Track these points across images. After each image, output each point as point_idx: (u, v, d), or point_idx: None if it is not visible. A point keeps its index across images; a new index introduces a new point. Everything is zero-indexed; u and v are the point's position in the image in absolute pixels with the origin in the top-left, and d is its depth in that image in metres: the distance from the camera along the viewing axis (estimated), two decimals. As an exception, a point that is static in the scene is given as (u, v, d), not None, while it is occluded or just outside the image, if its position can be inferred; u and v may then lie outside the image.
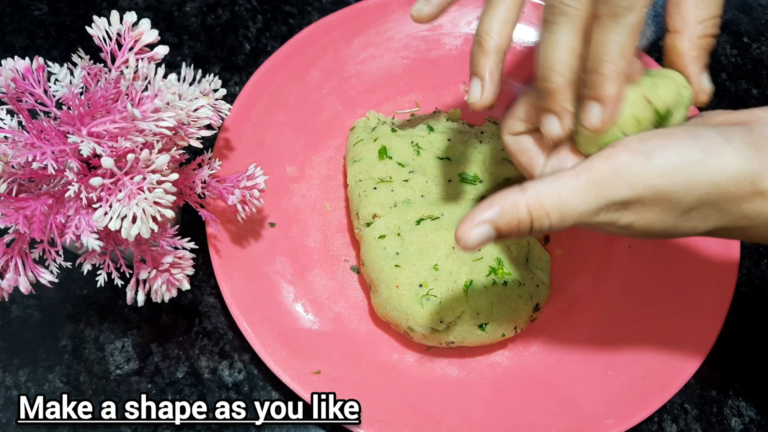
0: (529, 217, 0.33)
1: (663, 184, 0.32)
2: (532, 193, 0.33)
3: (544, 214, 0.33)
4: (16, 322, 0.52)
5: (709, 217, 0.33)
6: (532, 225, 0.33)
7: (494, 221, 0.33)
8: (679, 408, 0.51)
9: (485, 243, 0.34)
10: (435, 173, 0.52)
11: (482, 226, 0.33)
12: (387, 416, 0.47)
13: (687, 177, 0.32)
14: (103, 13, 0.63)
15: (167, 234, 0.45)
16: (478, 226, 0.33)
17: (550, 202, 0.33)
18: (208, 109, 0.45)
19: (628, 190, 0.32)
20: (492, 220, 0.33)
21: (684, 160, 0.32)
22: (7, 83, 0.41)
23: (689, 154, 0.32)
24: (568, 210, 0.33)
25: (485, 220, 0.33)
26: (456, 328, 0.48)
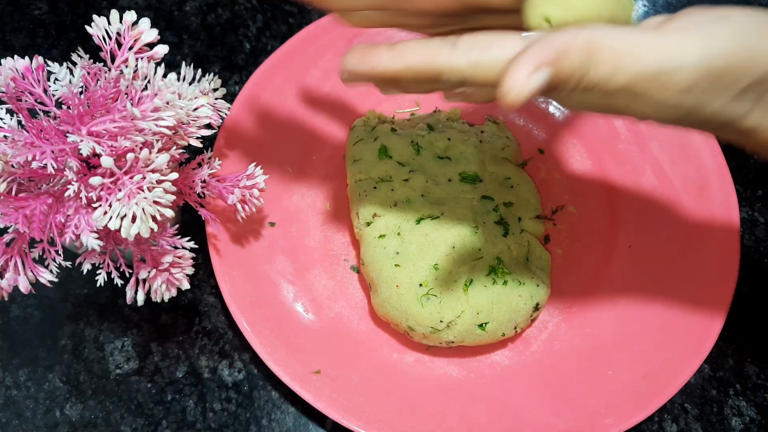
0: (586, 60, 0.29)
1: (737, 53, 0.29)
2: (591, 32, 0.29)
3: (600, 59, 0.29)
4: (15, 321, 0.52)
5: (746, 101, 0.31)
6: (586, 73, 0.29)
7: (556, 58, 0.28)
8: (680, 408, 0.51)
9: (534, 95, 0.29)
10: (435, 173, 0.52)
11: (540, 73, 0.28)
12: (387, 416, 0.47)
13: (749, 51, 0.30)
14: (103, 12, 0.63)
15: (167, 233, 0.45)
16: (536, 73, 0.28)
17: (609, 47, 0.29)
18: (208, 109, 0.44)
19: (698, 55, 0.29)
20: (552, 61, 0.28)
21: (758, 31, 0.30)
22: (7, 82, 0.41)
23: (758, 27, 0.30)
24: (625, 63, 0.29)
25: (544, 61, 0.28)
26: (456, 328, 0.48)
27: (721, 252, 0.52)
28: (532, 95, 0.28)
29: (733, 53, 0.29)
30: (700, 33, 0.30)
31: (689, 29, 0.30)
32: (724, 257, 0.52)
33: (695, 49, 0.29)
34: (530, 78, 0.28)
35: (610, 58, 0.29)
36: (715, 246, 0.52)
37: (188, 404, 0.50)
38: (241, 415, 0.50)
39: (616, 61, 0.29)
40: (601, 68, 0.29)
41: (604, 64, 0.29)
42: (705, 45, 0.29)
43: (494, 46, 0.31)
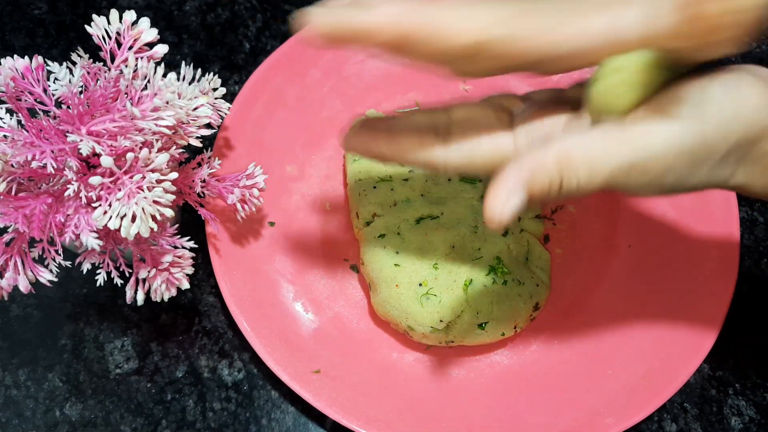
0: (558, 174, 0.30)
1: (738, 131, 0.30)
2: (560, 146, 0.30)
3: (573, 171, 0.30)
4: (15, 321, 0.52)
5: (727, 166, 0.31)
6: (561, 184, 0.30)
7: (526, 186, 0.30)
8: (679, 407, 0.51)
9: (517, 214, 0.30)
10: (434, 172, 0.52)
11: (515, 197, 0.30)
12: (386, 415, 0.47)
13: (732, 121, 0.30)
14: (102, 12, 0.63)
15: (167, 233, 0.45)
16: (511, 198, 0.30)
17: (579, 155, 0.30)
18: (208, 108, 0.45)
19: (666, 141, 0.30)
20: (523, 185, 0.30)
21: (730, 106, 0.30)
22: (7, 82, 0.41)
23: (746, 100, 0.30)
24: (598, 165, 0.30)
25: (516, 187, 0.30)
26: (456, 328, 0.48)
27: (720, 251, 0.52)
28: (514, 217, 0.30)
29: (699, 131, 0.30)
30: (662, 118, 0.30)
31: (653, 116, 0.30)
32: (723, 257, 0.52)
33: (660, 136, 0.30)
34: (506, 204, 0.30)
35: (583, 165, 0.30)
36: (714, 246, 0.52)
37: (188, 404, 0.50)
38: (241, 415, 0.50)
39: (589, 167, 0.30)
40: (574, 178, 0.30)
41: (577, 173, 0.30)
42: (669, 130, 0.30)
43: (484, 142, 0.34)
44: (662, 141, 0.30)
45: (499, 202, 0.30)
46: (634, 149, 0.30)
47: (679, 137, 0.30)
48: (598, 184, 0.30)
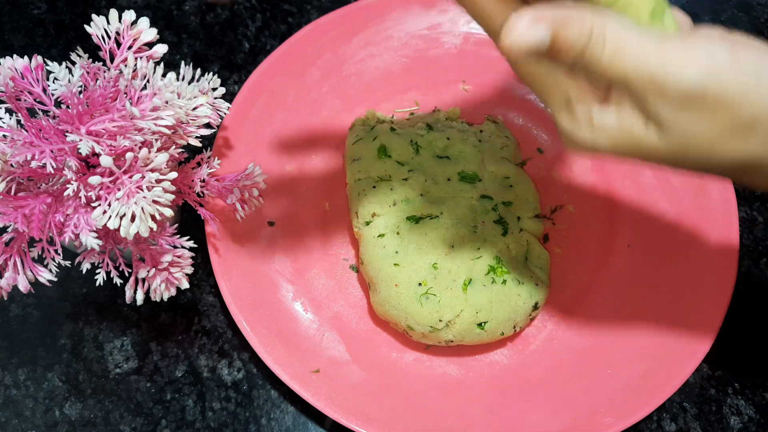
0: (588, 36, 0.29)
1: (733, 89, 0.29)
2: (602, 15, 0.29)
3: (602, 40, 0.29)
4: (15, 320, 0.52)
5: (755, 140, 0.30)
6: (585, 48, 0.29)
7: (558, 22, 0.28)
8: (679, 407, 0.51)
9: (534, 50, 0.29)
10: (434, 172, 0.52)
11: (542, 25, 0.28)
12: (386, 415, 0.47)
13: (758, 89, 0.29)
14: (102, 11, 0.63)
15: (166, 233, 0.45)
16: (538, 26, 0.28)
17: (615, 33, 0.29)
18: (207, 108, 0.45)
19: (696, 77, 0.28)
20: (556, 20, 0.28)
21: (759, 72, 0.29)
22: (6, 82, 0.41)
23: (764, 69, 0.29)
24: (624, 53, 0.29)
25: (548, 18, 0.28)
26: (455, 327, 0.48)
27: (719, 251, 0.52)
28: (529, 47, 0.28)
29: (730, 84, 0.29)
30: (705, 54, 0.29)
31: (696, 48, 0.29)
32: (722, 256, 0.52)
33: (693, 68, 0.29)
34: (531, 29, 0.28)
35: (611, 45, 0.29)
36: (713, 245, 0.52)
37: (187, 403, 0.50)
38: (241, 415, 0.50)
39: (615, 51, 0.29)
40: (598, 50, 0.29)
41: (602, 48, 0.29)
42: (705, 67, 0.29)
43: None
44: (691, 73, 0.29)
45: (524, 23, 0.28)
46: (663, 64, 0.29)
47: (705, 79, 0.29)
48: (616, 74, 0.29)
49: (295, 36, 0.58)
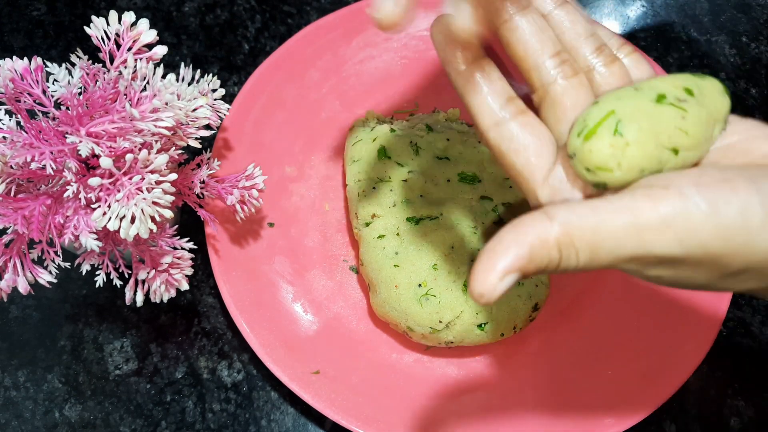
0: (558, 253, 0.28)
1: (718, 246, 0.27)
2: (562, 224, 0.27)
3: (573, 252, 0.28)
4: (14, 322, 0.52)
5: (749, 280, 0.29)
6: (559, 263, 0.28)
7: (523, 267, 0.27)
8: (678, 407, 0.51)
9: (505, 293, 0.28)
10: (434, 173, 0.52)
11: (511, 277, 0.27)
12: (386, 416, 0.47)
13: (745, 241, 0.27)
14: (101, 13, 0.63)
15: (166, 234, 0.45)
16: (505, 277, 0.27)
17: (582, 239, 0.27)
18: (207, 109, 0.45)
19: (677, 247, 0.27)
20: (521, 266, 0.27)
21: (746, 220, 0.27)
22: (6, 83, 0.41)
23: (752, 214, 0.27)
24: (600, 252, 0.28)
25: (512, 267, 0.27)
26: (455, 328, 0.48)
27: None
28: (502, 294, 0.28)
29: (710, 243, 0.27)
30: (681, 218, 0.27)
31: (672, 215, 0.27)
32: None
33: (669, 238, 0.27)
34: (499, 284, 0.27)
35: (585, 249, 0.28)
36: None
37: (187, 405, 0.50)
38: (241, 416, 0.50)
39: (592, 251, 0.28)
40: (574, 260, 0.28)
41: (578, 256, 0.28)
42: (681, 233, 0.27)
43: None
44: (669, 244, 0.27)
45: (492, 279, 0.27)
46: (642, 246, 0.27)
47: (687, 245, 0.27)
48: (595, 268, 0.29)
49: (294, 37, 0.58)
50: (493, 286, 0.27)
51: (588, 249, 0.28)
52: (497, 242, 0.28)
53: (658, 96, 0.29)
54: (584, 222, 0.27)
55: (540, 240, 0.27)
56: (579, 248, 0.28)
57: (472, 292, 0.27)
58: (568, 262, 0.28)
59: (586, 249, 0.28)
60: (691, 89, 0.30)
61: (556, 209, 0.28)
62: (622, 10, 0.67)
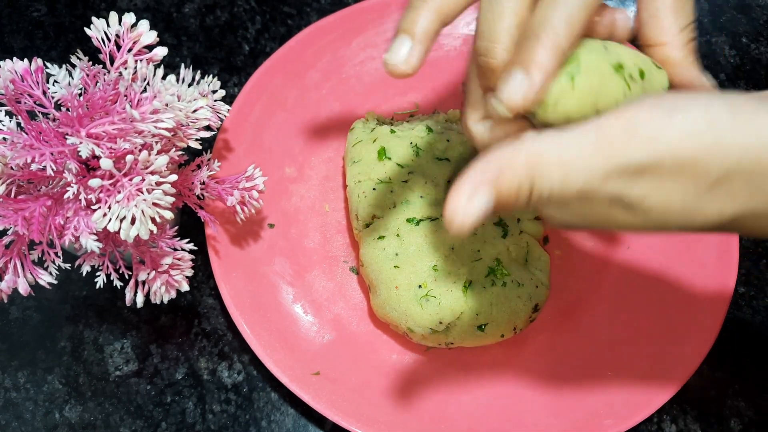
0: (529, 176, 0.27)
1: (687, 147, 0.27)
2: (531, 146, 0.28)
3: (545, 172, 0.27)
4: (15, 323, 0.52)
5: (739, 194, 0.28)
6: (532, 188, 0.28)
7: (492, 184, 0.27)
8: (679, 408, 0.51)
9: (483, 218, 0.28)
10: (434, 174, 0.52)
11: (480, 195, 0.27)
12: (386, 417, 0.47)
13: (715, 141, 0.27)
14: (101, 14, 0.63)
15: (166, 235, 0.45)
16: (476, 196, 0.27)
17: (552, 158, 0.27)
18: (207, 110, 0.45)
19: (645, 151, 0.27)
20: (491, 180, 0.27)
21: (712, 118, 0.27)
22: (6, 84, 0.41)
23: (718, 114, 0.27)
24: (572, 170, 0.27)
25: (483, 181, 0.27)
26: (455, 329, 0.48)
27: (719, 252, 0.52)
28: (478, 220, 0.28)
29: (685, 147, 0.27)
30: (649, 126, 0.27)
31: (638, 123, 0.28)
32: (722, 257, 0.52)
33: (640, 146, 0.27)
34: (471, 202, 0.27)
35: (556, 171, 0.28)
36: (713, 246, 0.52)
37: (188, 406, 0.50)
38: (241, 417, 0.50)
39: (563, 172, 0.28)
40: (546, 182, 0.28)
41: (549, 177, 0.28)
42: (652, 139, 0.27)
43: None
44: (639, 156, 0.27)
45: (462, 201, 0.27)
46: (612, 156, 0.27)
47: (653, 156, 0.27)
48: (573, 192, 0.28)
49: (294, 38, 0.58)
50: (463, 207, 0.27)
51: (558, 167, 0.28)
52: (468, 169, 0.28)
53: (618, 64, 0.31)
54: (551, 141, 0.28)
55: (508, 160, 0.28)
56: (549, 168, 0.28)
57: (445, 220, 0.27)
58: (541, 183, 0.28)
59: (557, 167, 0.28)
60: (644, 73, 0.31)
61: (525, 136, 0.29)
62: (622, 11, 0.67)
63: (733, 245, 0.52)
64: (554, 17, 0.29)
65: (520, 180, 0.28)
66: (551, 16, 0.29)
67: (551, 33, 0.28)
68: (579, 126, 0.28)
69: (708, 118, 0.27)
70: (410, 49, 0.32)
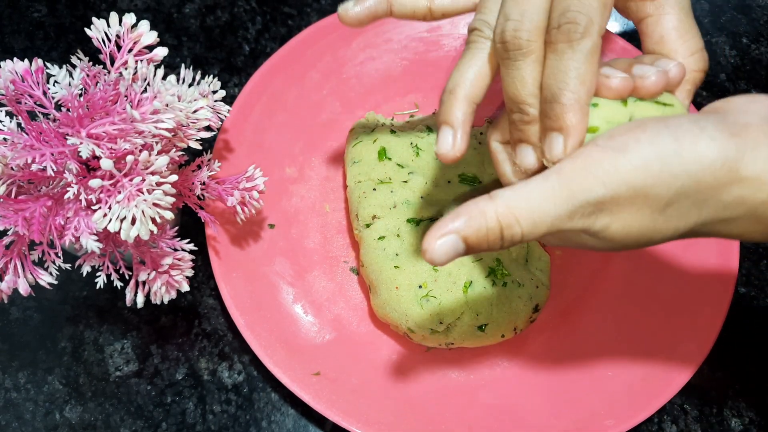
0: (498, 225, 0.31)
1: (638, 179, 0.30)
2: (500, 200, 0.32)
3: (514, 221, 0.31)
4: (15, 323, 0.52)
5: (689, 212, 0.32)
6: (502, 234, 0.32)
7: (461, 231, 0.31)
8: (679, 409, 0.51)
9: (454, 256, 0.32)
10: (434, 174, 0.52)
11: (449, 236, 0.31)
12: (387, 418, 0.47)
13: (662, 169, 0.30)
14: (102, 14, 0.63)
15: (166, 235, 0.45)
16: (444, 237, 0.31)
17: (520, 208, 0.31)
18: (208, 111, 0.45)
19: (602, 188, 0.30)
20: (458, 229, 0.31)
21: (658, 151, 0.30)
22: (6, 85, 0.41)
23: (663, 145, 0.30)
24: (539, 215, 0.31)
25: (451, 230, 0.32)
26: (455, 330, 0.48)
27: (720, 252, 0.52)
28: (448, 258, 0.32)
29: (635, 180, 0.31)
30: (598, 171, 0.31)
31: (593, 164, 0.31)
32: (723, 258, 0.52)
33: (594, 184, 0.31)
34: (438, 243, 0.31)
35: (525, 216, 0.31)
36: (714, 247, 0.52)
37: (188, 406, 0.50)
38: (241, 417, 0.50)
39: (531, 219, 0.31)
40: (517, 228, 0.31)
41: (519, 224, 0.31)
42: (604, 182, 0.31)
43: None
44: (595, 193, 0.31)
45: (432, 240, 0.31)
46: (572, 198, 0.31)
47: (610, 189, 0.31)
48: (543, 233, 0.32)
49: (295, 39, 0.58)
50: (432, 245, 0.31)
51: (527, 216, 0.31)
52: (445, 216, 0.32)
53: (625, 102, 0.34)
54: (519, 193, 0.31)
55: (479, 210, 0.32)
56: (519, 217, 0.31)
57: (421, 251, 0.32)
58: (512, 230, 0.31)
59: (526, 215, 0.31)
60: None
61: (497, 191, 0.32)
62: (622, 12, 0.67)
63: (733, 246, 0.52)
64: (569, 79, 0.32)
65: (489, 227, 0.31)
66: (566, 79, 0.32)
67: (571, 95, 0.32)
68: (542, 175, 0.32)
69: (655, 151, 0.30)
70: (453, 137, 0.37)
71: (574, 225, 0.32)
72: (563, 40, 0.32)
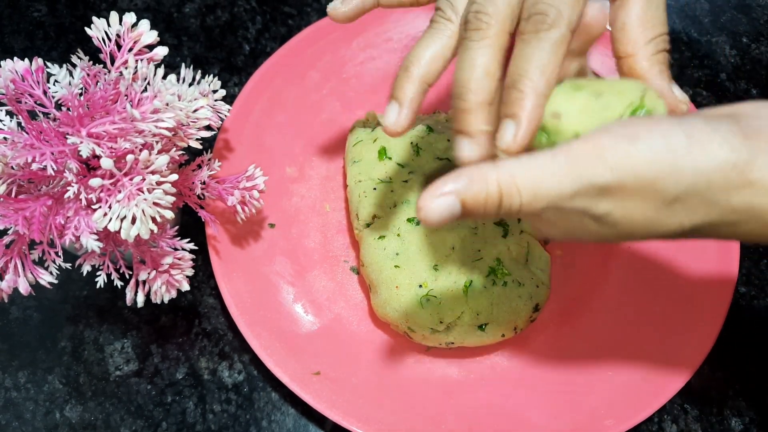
0: (499, 192, 0.31)
1: (646, 170, 0.30)
2: (504, 168, 0.31)
3: (515, 191, 0.31)
4: (15, 323, 0.52)
5: (696, 210, 0.31)
6: (500, 202, 0.31)
7: (460, 192, 0.31)
8: (679, 408, 0.51)
9: (449, 218, 0.31)
10: (435, 174, 0.52)
11: (447, 197, 0.31)
12: (387, 416, 0.47)
13: (672, 163, 0.30)
14: (102, 14, 0.63)
15: (167, 235, 0.45)
16: (442, 197, 0.31)
17: (524, 178, 0.31)
18: (208, 110, 0.45)
19: (609, 174, 0.30)
20: (458, 190, 0.31)
21: (669, 145, 0.30)
22: (7, 84, 0.41)
23: (675, 140, 0.30)
24: (542, 189, 0.31)
25: (450, 190, 0.31)
26: (456, 329, 0.48)
27: (720, 252, 0.52)
28: (442, 217, 0.31)
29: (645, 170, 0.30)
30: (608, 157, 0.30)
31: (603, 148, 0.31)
32: (723, 257, 0.52)
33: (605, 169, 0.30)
34: (434, 202, 0.31)
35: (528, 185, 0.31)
36: (714, 247, 0.52)
37: (188, 406, 0.50)
38: (241, 417, 0.50)
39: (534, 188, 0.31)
40: (516, 197, 0.31)
41: (519, 193, 0.31)
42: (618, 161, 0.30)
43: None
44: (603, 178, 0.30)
45: (429, 198, 0.31)
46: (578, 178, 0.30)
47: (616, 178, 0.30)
48: (541, 207, 0.31)
49: (295, 38, 0.58)
50: (429, 204, 0.31)
51: (530, 188, 0.31)
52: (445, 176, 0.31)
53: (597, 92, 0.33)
54: (526, 165, 0.31)
55: (481, 175, 0.31)
56: (521, 188, 0.31)
57: (416, 209, 0.31)
58: (511, 200, 0.31)
59: (529, 188, 0.31)
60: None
61: (502, 160, 0.32)
62: (622, 11, 0.67)
63: (733, 246, 0.52)
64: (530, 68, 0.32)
65: (489, 192, 0.31)
66: (527, 67, 0.32)
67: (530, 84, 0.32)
68: (551, 150, 0.31)
69: (666, 144, 0.30)
70: (398, 113, 0.37)
71: (575, 204, 0.31)
72: (530, 31, 0.32)
